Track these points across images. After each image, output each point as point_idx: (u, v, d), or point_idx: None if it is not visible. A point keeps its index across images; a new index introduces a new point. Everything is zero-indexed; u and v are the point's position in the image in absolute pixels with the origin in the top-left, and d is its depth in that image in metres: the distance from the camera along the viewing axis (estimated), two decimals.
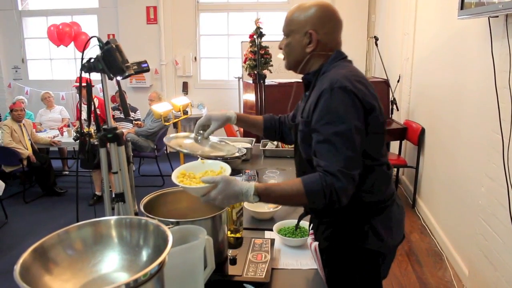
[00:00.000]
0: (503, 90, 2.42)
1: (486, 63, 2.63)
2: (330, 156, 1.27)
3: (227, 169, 1.50)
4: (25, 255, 0.92)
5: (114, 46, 1.49)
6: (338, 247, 1.45)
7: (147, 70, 1.63)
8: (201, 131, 1.69)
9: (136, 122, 5.86)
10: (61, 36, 6.66)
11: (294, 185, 1.30)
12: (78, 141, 5.35)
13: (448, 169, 3.57)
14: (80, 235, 1.04)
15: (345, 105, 1.27)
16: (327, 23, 1.43)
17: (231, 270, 1.51)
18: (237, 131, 6.09)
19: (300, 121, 1.44)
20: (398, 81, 5.09)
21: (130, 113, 5.87)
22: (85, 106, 2.06)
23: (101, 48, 1.50)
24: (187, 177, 1.47)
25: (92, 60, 1.53)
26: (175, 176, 1.45)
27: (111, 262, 1.04)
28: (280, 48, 1.53)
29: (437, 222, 3.88)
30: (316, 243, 1.49)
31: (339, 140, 1.26)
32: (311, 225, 1.63)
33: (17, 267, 0.88)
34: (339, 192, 1.24)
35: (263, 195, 1.30)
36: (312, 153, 1.34)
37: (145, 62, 1.62)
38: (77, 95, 5.72)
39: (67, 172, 6.50)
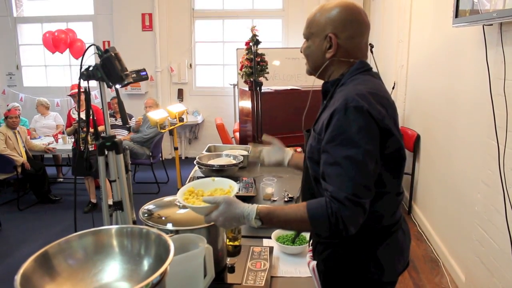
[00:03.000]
0: (498, 97, 2.44)
1: (481, 70, 2.65)
2: (338, 181, 1.16)
3: (235, 188, 1.45)
4: (25, 264, 0.91)
5: (113, 54, 1.49)
6: (336, 272, 1.37)
7: (146, 78, 1.64)
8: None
9: (137, 121, 5.85)
10: (56, 42, 6.65)
11: (298, 210, 1.21)
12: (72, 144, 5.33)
13: (444, 176, 3.59)
14: (81, 245, 1.04)
15: (359, 127, 1.15)
16: (349, 26, 1.30)
17: (230, 278, 1.51)
18: (232, 138, 6.10)
19: (312, 134, 1.32)
20: (393, 88, 5.12)
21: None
22: (81, 112, 2.06)
23: (100, 56, 1.51)
24: (195, 194, 1.43)
25: (91, 68, 1.53)
26: (181, 193, 1.41)
27: (112, 272, 1.03)
28: (301, 52, 1.43)
29: (433, 229, 3.89)
30: (315, 262, 1.42)
31: (349, 165, 1.15)
32: (311, 240, 1.56)
33: (18, 277, 0.87)
34: (346, 221, 1.14)
35: (266, 220, 1.23)
36: (320, 175, 1.24)
37: (144, 70, 1.63)
38: (73, 102, 5.69)
39: (61, 179, 6.46)
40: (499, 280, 2.48)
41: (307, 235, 1.75)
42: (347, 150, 1.15)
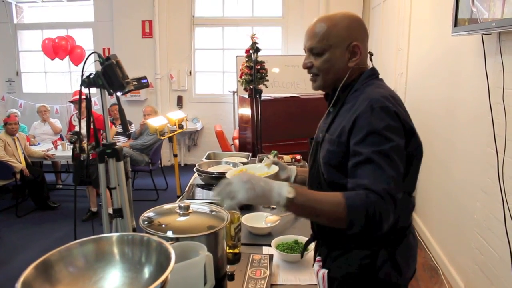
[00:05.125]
0: (497, 106, 2.45)
1: (480, 79, 2.66)
2: (373, 175, 1.14)
3: (274, 170, 1.57)
4: (26, 272, 0.91)
5: (114, 62, 1.50)
6: (353, 277, 1.32)
7: (147, 86, 1.65)
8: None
9: (141, 124, 5.85)
10: (56, 49, 6.67)
11: (334, 195, 1.15)
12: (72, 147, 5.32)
13: (443, 184, 3.59)
14: (82, 252, 1.03)
15: (387, 125, 1.17)
16: (364, 34, 1.35)
17: (230, 286, 1.50)
18: (232, 145, 6.10)
19: (328, 139, 1.31)
20: None
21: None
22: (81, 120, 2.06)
23: (101, 63, 1.51)
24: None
25: (92, 76, 1.54)
26: (233, 170, 1.56)
27: (113, 280, 1.03)
28: (307, 67, 1.39)
29: (433, 237, 3.89)
30: (325, 270, 1.36)
31: (383, 159, 1.14)
32: (318, 251, 1.50)
33: (18, 285, 0.87)
34: (383, 214, 1.10)
35: (299, 193, 1.13)
36: (350, 175, 1.21)
37: (145, 78, 1.64)
38: (75, 109, 5.70)
39: (60, 186, 6.45)
40: None
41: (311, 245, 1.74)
42: (379, 146, 1.16)
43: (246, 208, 2.22)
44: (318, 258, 1.47)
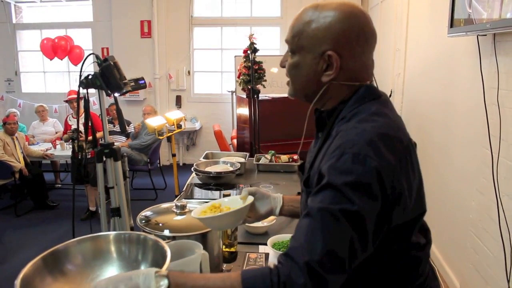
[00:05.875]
0: (492, 107, 2.47)
1: (475, 80, 2.69)
2: (304, 239, 0.84)
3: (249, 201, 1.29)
4: (25, 269, 0.93)
5: (112, 63, 1.52)
6: None
7: (144, 86, 1.67)
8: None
9: (136, 127, 5.88)
10: (55, 49, 6.69)
11: (227, 278, 0.87)
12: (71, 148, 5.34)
13: (438, 184, 3.61)
14: (80, 250, 1.06)
15: (354, 181, 0.83)
16: (355, 40, 0.96)
17: None
18: (230, 144, 6.12)
19: (305, 190, 1.04)
20: (390, 96, 5.16)
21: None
22: (76, 120, 2.08)
23: (99, 65, 1.54)
24: (219, 210, 1.30)
25: (90, 77, 1.56)
26: (204, 206, 1.30)
27: None
28: (283, 67, 1.06)
29: None
30: None
31: (325, 222, 0.83)
32: None
33: (18, 282, 0.89)
34: None
35: (177, 286, 0.85)
36: None
37: (142, 78, 1.66)
38: (70, 109, 5.71)
39: (59, 185, 6.47)
40: (493, 287, 2.50)
41: None
42: (328, 203, 0.84)
43: None
44: None
